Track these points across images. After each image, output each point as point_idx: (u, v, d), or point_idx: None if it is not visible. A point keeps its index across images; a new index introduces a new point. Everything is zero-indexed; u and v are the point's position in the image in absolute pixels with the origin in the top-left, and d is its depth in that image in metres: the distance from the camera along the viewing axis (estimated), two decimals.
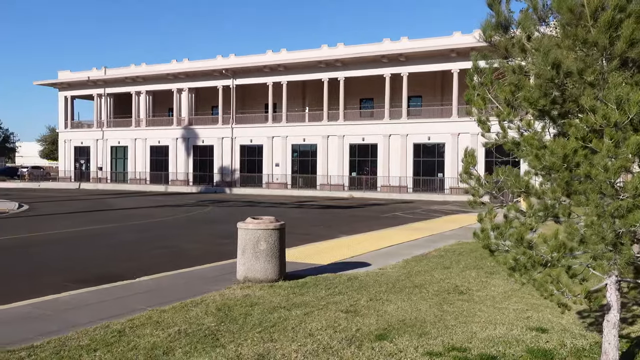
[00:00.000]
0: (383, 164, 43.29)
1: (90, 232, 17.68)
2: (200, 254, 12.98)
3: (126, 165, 55.37)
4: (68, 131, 58.70)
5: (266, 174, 47.85)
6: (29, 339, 5.88)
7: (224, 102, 49.88)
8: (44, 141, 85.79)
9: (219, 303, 7.36)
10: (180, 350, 5.42)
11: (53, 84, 57.93)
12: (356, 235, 16.26)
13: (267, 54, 47.62)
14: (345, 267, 10.46)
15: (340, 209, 28.68)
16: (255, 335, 5.94)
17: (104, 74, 55.15)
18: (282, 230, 8.99)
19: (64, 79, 56.97)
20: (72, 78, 56.73)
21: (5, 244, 14.75)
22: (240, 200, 34.76)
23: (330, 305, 7.30)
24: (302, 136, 46.59)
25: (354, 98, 47.49)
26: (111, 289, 8.65)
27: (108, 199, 35.30)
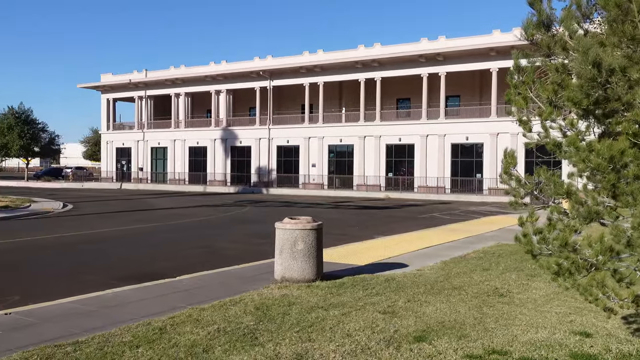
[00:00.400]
0: (420, 164, 42.93)
1: (131, 231, 18.08)
2: (238, 254, 13.12)
3: (166, 165, 56.41)
4: (110, 133, 60.17)
5: (302, 175, 48.04)
6: (74, 334, 6.06)
7: (261, 103, 50.31)
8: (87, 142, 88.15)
9: (257, 302, 7.43)
10: (219, 349, 5.50)
11: (96, 86, 59.47)
12: (393, 236, 16.17)
13: (304, 55, 47.81)
14: (382, 268, 10.41)
15: (376, 209, 28.57)
16: (293, 334, 5.98)
17: (144, 77, 56.33)
18: (320, 230, 9.01)
19: (107, 82, 58.42)
20: (114, 81, 58.14)
21: (50, 242, 15.22)
22: (276, 201, 34.99)
23: (368, 306, 7.28)
24: (339, 137, 46.60)
25: (390, 98, 47.25)
26: (152, 287, 8.83)
27: (148, 199, 36.03)
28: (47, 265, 11.56)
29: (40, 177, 68.24)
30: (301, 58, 47.75)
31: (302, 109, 50.29)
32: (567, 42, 4.05)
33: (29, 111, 61.36)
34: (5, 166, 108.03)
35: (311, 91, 47.72)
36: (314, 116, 48.42)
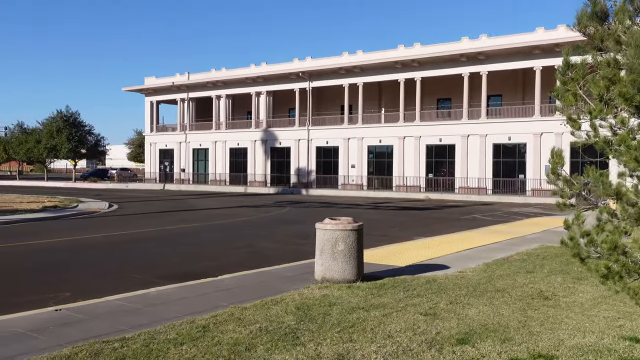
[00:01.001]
0: (461, 165, 42.35)
1: (174, 231, 18.43)
2: (278, 254, 13.22)
3: (207, 166, 57.28)
4: (153, 135, 61.49)
5: (342, 175, 48.02)
6: (121, 331, 6.22)
7: (300, 105, 50.57)
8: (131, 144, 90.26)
9: (298, 302, 7.46)
10: (261, 347, 5.55)
11: (140, 89, 60.88)
12: (434, 237, 15.99)
13: (343, 55, 47.81)
14: (423, 270, 10.32)
15: (416, 210, 28.33)
16: (335, 335, 5.98)
17: (187, 79, 57.35)
18: (360, 231, 8.99)
19: (150, 85, 59.73)
20: (157, 84, 59.39)
21: (97, 241, 15.66)
22: (316, 201, 35.09)
23: (409, 307, 7.23)
24: (378, 137, 46.40)
25: (430, 98, 46.78)
26: (195, 285, 8.98)
27: (190, 200, 36.65)
28: (94, 264, 11.90)
29: (87, 178, 70.30)
30: (340, 59, 47.77)
31: (341, 109, 50.30)
32: (621, 36, 3.93)
33: (76, 114, 63.26)
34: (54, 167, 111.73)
35: (350, 92, 47.67)
36: (353, 117, 48.36)
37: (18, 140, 66.66)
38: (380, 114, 48.25)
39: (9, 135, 73.40)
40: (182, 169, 58.79)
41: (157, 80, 60.16)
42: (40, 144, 62.37)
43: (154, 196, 40.86)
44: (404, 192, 42.53)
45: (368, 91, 48.12)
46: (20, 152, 65.97)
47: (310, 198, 39.71)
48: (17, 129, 69.84)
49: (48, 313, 7.10)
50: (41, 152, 62.96)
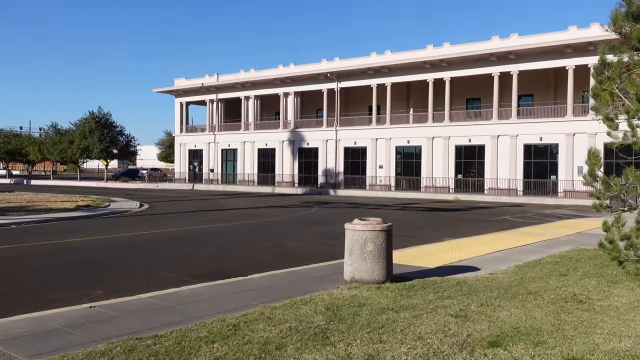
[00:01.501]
0: (491, 165, 41.83)
1: (203, 230, 18.63)
2: (307, 254, 13.25)
3: (235, 167, 57.74)
4: (183, 135, 62.24)
5: (369, 176, 47.89)
6: (154, 328, 6.32)
7: (328, 105, 50.59)
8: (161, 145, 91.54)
9: (327, 302, 7.47)
10: (292, 347, 5.57)
11: (170, 91, 61.70)
12: (463, 238, 15.84)
13: (372, 56, 47.66)
14: (453, 271, 10.23)
15: (445, 211, 28.07)
16: (364, 335, 5.97)
17: (216, 81, 57.90)
18: (389, 232, 8.95)
19: (180, 86, 60.49)
20: (187, 85, 60.11)
21: (128, 240, 15.92)
22: (344, 202, 35.06)
23: (439, 309, 7.17)
24: (406, 138, 46.14)
25: (459, 98, 46.34)
26: (225, 284, 9.06)
27: (219, 199, 37.00)
28: (126, 262, 12.10)
29: (119, 178, 71.54)
30: (369, 59, 47.64)
31: (369, 110, 50.18)
32: None
33: (108, 115, 64.40)
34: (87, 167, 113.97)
35: (378, 92, 47.51)
36: (381, 117, 48.19)
37: (52, 141, 68.18)
38: (409, 115, 47.96)
39: (44, 136, 75.15)
40: (210, 169, 59.39)
41: (187, 81, 60.88)
42: (73, 144, 63.68)
43: (183, 196, 41.36)
44: (432, 193, 42.20)
45: (396, 91, 47.90)
46: (54, 152, 67.46)
47: (337, 198, 39.70)
48: (51, 130, 71.42)
49: (83, 310, 7.26)
50: (74, 153, 64.26)
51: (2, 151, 75.25)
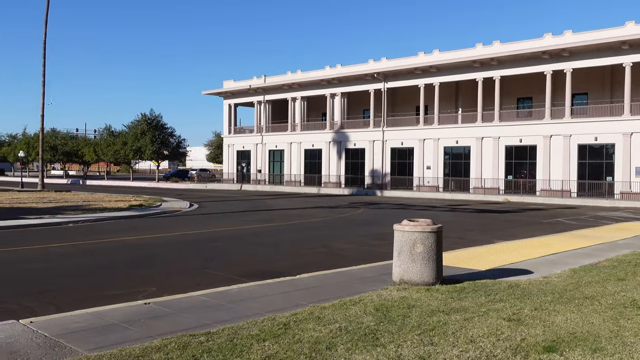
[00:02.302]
0: (543, 166, 40.72)
1: (251, 230, 18.86)
2: (354, 255, 13.24)
3: (282, 167, 58.23)
4: (231, 136, 63.21)
5: (417, 177, 47.42)
6: (206, 325, 6.45)
7: (375, 105, 50.39)
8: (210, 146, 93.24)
9: (376, 303, 7.44)
10: (342, 347, 5.58)
11: (218, 93, 62.78)
12: (514, 241, 15.48)
13: (419, 55, 47.19)
14: (504, 274, 10.02)
15: (495, 213, 27.51)
16: (415, 337, 5.92)
17: (263, 82, 58.56)
18: (439, 233, 8.85)
19: (228, 88, 61.46)
20: (235, 87, 61.03)
21: (179, 239, 16.29)
22: (390, 203, 34.84)
23: (491, 312, 7.03)
24: (455, 138, 45.47)
25: (510, 97, 45.33)
26: (274, 284, 9.15)
27: (266, 200, 37.38)
28: (177, 260, 12.38)
29: (169, 179, 73.30)
30: (416, 59, 47.19)
31: (416, 110, 49.70)
32: None
33: (159, 117, 66.07)
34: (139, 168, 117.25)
35: (426, 92, 46.99)
36: (429, 117, 47.64)
37: (106, 143, 70.48)
38: (457, 114, 47.23)
39: (98, 137, 77.76)
40: (258, 170, 60.09)
41: (235, 83, 61.80)
42: (126, 145, 65.63)
43: (231, 196, 41.99)
44: (481, 195, 41.43)
45: (444, 91, 47.28)
46: (108, 153, 69.72)
47: (384, 199, 39.48)
48: (105, 132, 73.83)
49: (138, 306, 7.47)
50: (127, 154, 66.22)
51: (60, 152, 78.31)
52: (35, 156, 75.05)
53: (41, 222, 19.59)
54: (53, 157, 78.43)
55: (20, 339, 5.92)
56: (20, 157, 59.97)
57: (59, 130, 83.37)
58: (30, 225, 18.97)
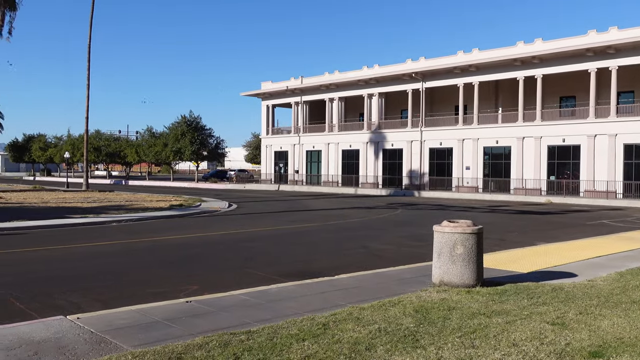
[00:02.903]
0: (587, 167, 39.63)
1: (290, 230, 18.97)
2: (393, 256, 13.17)
3: (320, 168, 58.35)
4: (269, 137, 63.70)
5: (456, 177, 46.81)
6: (246, 324, 6.52)
7: (413, 105, 49.99)
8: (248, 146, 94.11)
9: (416, 305, 7.39)
10: (381, 348, 5.56)
11: (256, 94, 63.36)
12: (557, 243, 15.12)
13: (458, 54, 46.60)
14: (547, 277, 9.80)
15: (536, 214, 26.94)
16: (455, 339, 5.85)
17: (300, 83, 58.81)
18: (480, 234, 8.72)
19: (266, 90, 61.96)
20: (272, 88, 61.48)
21: (218, 238, 16.51)
22: (429, 204, 34.51)
23: (534, 315, 6.89)
24: (495, 138, 44.70)
25: (552, 96, 44.29)
26: (313, 284, 9.18)
27: (304, 200, 37.53)
28: (217, 259, 12.55)
29: (208, 179, 74.36)
30: (455, 58, 46.61)
31: (455, 110, 49.07)
32: None
33: (198, 118, 67.08)
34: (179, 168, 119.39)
35: (465, 91, 46.37)
36: (468, 117, 46.99)
37: (148, 144, 71.96)
38: (497, 114, 46.43)
39: (140, 139, 79.47)
40: (295, 170, 60.38)
41: (273, 84, 62.26)
42: (167, 147, 66.87)
43: (269, 196, 42.31)
44: (522, 196, 40.61)
45: (484, 90, 46.55)
46: (149, 154, 71.18)
47: (422, 200, 39.14)
48: (146, 133, 75.39)
49: (181, 304, 7.61)
50: (168, 155, 67.47)
51: (103, 154, 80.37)
52: (80, 157, 77.28)
53: (86, 222, 20.16)
54: (97, 158, 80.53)
55: (68, 334, 6.11)
56: (66, 158, 61.82)
57: (103, 132, 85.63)
58: (76, 224, 19.54)
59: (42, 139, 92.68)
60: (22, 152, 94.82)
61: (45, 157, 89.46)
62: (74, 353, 5.49)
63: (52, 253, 13.33)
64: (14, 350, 5.54)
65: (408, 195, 45.05)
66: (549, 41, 41.58)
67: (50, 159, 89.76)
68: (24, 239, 15.68)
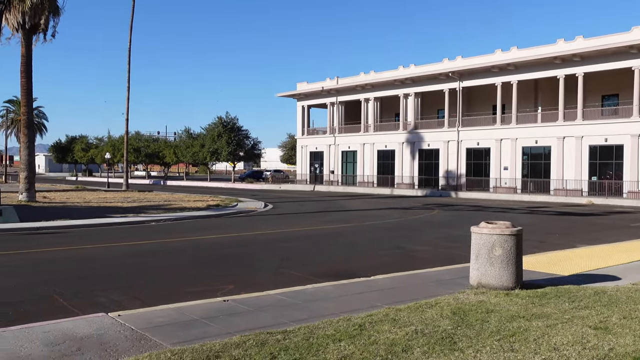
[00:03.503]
0: (630, 167, 38.45)
1: (325, 230, 18.99)
2: (429, 257, 13.05)
3: (355, 168, 58.24)
4: (304, 138, 63.91)
5: (493, 178, 46.07)
6: (282, 324, 6.55)
7: (449, 105, 49.42)
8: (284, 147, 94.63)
9: (453, 307, 7.30)
10: (418, 350, 5.51)
11: (292, 95, 63.66)
12: (599, 245, 14.72)
13: (496, 53, 45.86)
14: (589, 280, 9.55)
15: (577, 216, 26.28)
16: (494, 342, 5.75)
17: (336, 84, 58.82)
18: (519, 236, 8.55)
19: (302, 90, 62.19)
20: (308, 89, 61.67)
21: (255, 238, 16.64)
22: (466, 204, 34.05)
23: (576, 319, 6.72)
24: (534, 138, 43.81)
25: (593, 95, 43.14)
26: (349, 284, 9.17)
27: (339, 200, 37.51)
28: (253, 259, 12.66)
29: (244, 179, 75.08)
30: (493, 57, 45.89)
31: (492, 109, 48.30)
32: None
33: (235, 119, 67.76)
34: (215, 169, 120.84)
35: (503, 91, 45.58)
36: (506, 117, 46.18)
37: (185, 145, 73.07)
38: (536, 113, 45.49)
39: (178, 140, 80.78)
40: (331, 171, 60.42)
41: (308, 85, 62.44)
42: (204, 147, 67.76)
43: (305, 197, 42.43)
44: (563, 197, 39.68)
45: (522, 89, 45.66)
46: (187, 155, 72.26)
47: (459, 201, 38.64)
48: (184, 134, 76.55)
49: (218, 303, 7.70)
50: (205, 155, 68.37)
51: (143, 154, 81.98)
52: (120, 158, 78.99)
53: (125, 221, 20.60)
54: (136, 158, 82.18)
55: (109, 331, 6.26)
56: (107, 159, 63.30)
57: (142, 133, 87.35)
58: (116, 224, 19.99)
59: (84, 140, 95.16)
60: (65, 153, 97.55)
61: (87, 158, 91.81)
62: (115, 350, 5.62)
63: (93, 251, 13.67)
64: (58, 346, 5.70)
65: (444, 196, 44.55)
66: (590, 38, 40.53)
67: (91, 160, 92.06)
68: (67, 238, 16.13)
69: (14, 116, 72.41)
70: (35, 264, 11.70)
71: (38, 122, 77.28)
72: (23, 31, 29.68)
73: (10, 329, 6.33)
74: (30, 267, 11.40)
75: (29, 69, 29.93)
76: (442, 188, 48.89)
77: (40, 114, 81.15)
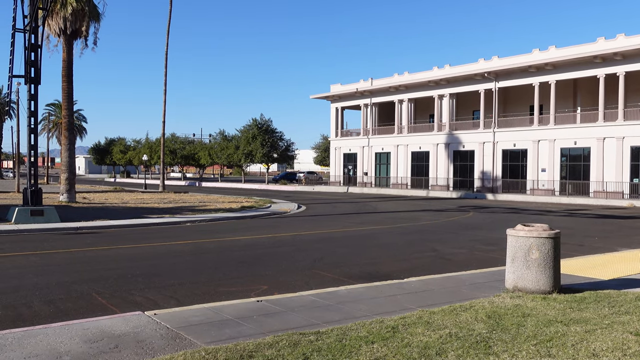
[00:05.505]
0: None
1: (358, 232, 18.94)
2: (463, 259, 12.89)
3: (389, 170, 57.96)
4: (338, 139, 63.91)
5: (530, 180, 45.21)
6: (315, 325, 6.56)
7: (485, 106, 48.73)
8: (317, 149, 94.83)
9: (488, 310, 7.19)
10: (452, 353, 5.44)
11: (326, 96, 63.75)
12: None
13: (533, 52, 45.04)
14: (630, 284, 9.27)
15: (618, 219, 25.56)
16: (530, 347, 5.64)
17: (370, 85, 58.66)
18: (557, 239, 8.37)
19: (335, 92, 62.22)
20: (342, 91, 61.65)
21: (288, 239, 16.72)
22: (502, 207, 33.50)
23: (616, 325, 6.54)
24: (572, 139, 42.83)
25: (635, 94, 41.93)
26: (382, 286, 9.12)
27: (373, 202, 37.37)
28: (286, 260, 12.71)
29: (278, 181, 75.51)
30: (530, 57, 45.07)
31: (530, 110, 47.43)
32: None
33: (269, 121, 68.25)
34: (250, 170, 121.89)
35: (541, 91, 44.71)
36: (543, 117, 45.28)
37: (220, 147, 73.96)
38: (575, 114, 44.46)
39: (213, 142, 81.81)
40: (364, 173, 60.26)
41: (342, 87, 62.43)
42: (238, 149, 68.46)
43: (338, 199, 42.42)
44: (603, 199, 38.66)
45: (561, 89, 44.71)
46: (222, 157, 73.13)
47: (495, 203, 38.03)
48: (219, 136, 77.50)
49: (251, 303, 7.76)
50: (239, 157, 69.06)
51: (178, 156, 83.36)
52: (157, 159, 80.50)
53: (162, 222, 20.96)
54: (173, 160, 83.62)
55: (145, 329, 6.38)
56: (144, 161, 64.51)
57: (178, 135, 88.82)
58: (153, 224, 20.36)
59: (122, 142, 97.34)
60: (104, 155, 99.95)
61: (125, 160, 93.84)
62: (151, 347, 5.72)
63: (130, 251, 13.95)
64: (96, 343, 5.84)
65: (480, 198, 43.92)
66: (631, 37, 39.44)
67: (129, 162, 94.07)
68: (106, 238, 16.50)
69: (55, 119, 74.51)
70: (75, 263, 12.01)
71: (78, 124, 79.37)
72: (64, 37, 30.51)
73: (51, 326, 6.51)
74: (71, 265, 11.70)
75: (69, 73, 30.74)
76: (477, 190, 48.22)
77: (80, 116, 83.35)
